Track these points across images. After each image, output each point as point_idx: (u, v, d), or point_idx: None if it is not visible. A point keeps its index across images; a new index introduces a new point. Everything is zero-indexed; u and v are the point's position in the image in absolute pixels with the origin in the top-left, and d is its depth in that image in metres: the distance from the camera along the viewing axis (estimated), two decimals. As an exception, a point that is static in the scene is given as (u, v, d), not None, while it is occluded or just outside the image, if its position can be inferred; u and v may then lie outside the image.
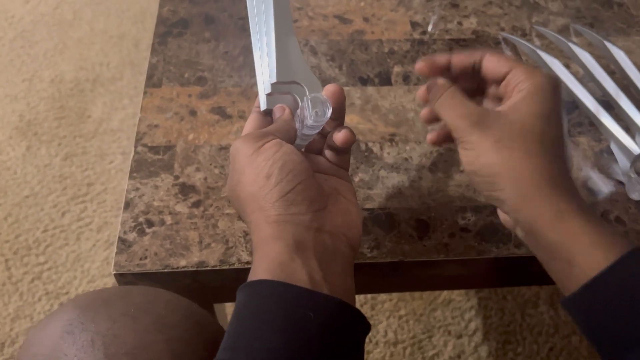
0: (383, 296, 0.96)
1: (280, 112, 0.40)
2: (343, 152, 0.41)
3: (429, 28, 0.65)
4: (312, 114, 0.37)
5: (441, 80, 0.40)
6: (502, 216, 0.41)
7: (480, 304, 0.96)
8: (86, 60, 1.31)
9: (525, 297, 0.96)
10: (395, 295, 0.96)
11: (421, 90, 0.41)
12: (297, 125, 0.39)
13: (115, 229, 0.98)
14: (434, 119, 0.44)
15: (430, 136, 0.45)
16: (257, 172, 0.36)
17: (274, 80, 0.40)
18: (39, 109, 1.20)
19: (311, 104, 0.37)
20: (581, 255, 0.34)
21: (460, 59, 0.41)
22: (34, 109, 1.20)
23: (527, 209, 0.36)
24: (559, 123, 0.38)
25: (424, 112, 0.44)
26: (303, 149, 0.42)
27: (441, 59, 0.41)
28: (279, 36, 0.40)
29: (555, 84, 0.38)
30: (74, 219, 1.04)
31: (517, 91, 0.38)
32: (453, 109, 0.38)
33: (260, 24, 0.42)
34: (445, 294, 0.97)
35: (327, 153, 0.41)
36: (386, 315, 0.94)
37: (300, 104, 0.40)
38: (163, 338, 0.36)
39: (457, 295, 0.97)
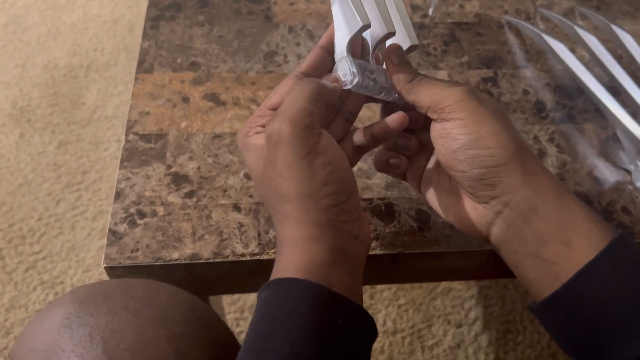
0: (382, 285, 0.95)
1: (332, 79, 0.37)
2: (363, 151, 0.40)
3: (430, 11, 0.63)
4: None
5: (414, 71, 0.37)
6: (473, 214, 0.36)
7: (480, 293, 0.95)
8: (80, 46, 1.28)
9: (526, 286, 0.95)
10: (394, 284, 0.95)
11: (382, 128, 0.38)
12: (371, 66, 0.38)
13: (111, 218, 0.97)
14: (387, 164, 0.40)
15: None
16: (312, 175, 0.33)
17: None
18: (32, 95, 1.18)
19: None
20: (581, 233, 0.32)
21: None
22: (27, 96, 1.18)
23: (528, 185, 0.33)
24: None
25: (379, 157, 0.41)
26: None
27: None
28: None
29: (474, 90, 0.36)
30: (68, 207, 1.02)
31: (448, 109, 0.35)
32: (439, 82, 0.35)
33: None
34: (445, 283, 0.96)
35: (347, 146, 0.39)
36: (385, 304, 0.93)
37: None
38: (165, 333, 0.35)
39: (457, 284, 0.96)
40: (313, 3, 0.63)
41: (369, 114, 0.53)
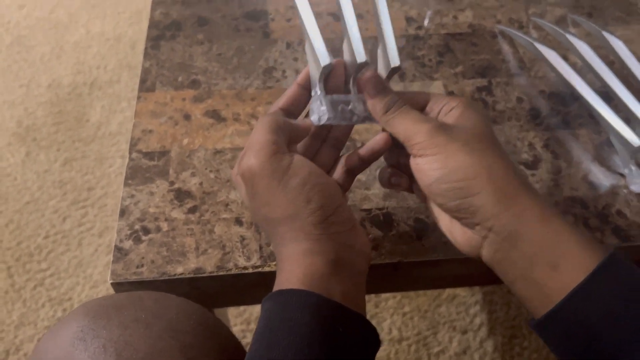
0: (387, 294, 0.96)
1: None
2: (355, 173, 0.41)
3: (425, 22, 0.64)
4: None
5: (393, 96, 0.38)
6: (462, 238, 0.37)
7: (485, 298, 0.95)
8: (83, 64, 1.30)
9: (530, 290, 0.96)
10: (399, 292, 0.96)
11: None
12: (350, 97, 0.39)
13: (117, 233, 0.98)
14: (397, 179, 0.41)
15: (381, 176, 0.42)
16: (293, 197, 0.35)
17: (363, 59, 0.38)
18: (37, 114, 1.20)
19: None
20: (569, 256, 0.33)
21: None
22: (32, 115, 1.20)
23: (508, 212, 0.34)
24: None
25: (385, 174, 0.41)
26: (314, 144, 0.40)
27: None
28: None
29: (477, 102, 0.38)
30: (75, 224, 1.04)
31: (448, 110, 0.37)
32: (411, 117, 0.36)
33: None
34: (449, 289, 0.96)
35: (337, 174, 0.41)
36: (390, 312, 0.93)
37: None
38: (176, 344, 0.36)
39: (461, 290, 0.96)
40: (309, 18, 0.64)
41: (366, 125, 0.54)
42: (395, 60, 0.38)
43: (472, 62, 0.60)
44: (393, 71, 0.39)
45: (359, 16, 0.64)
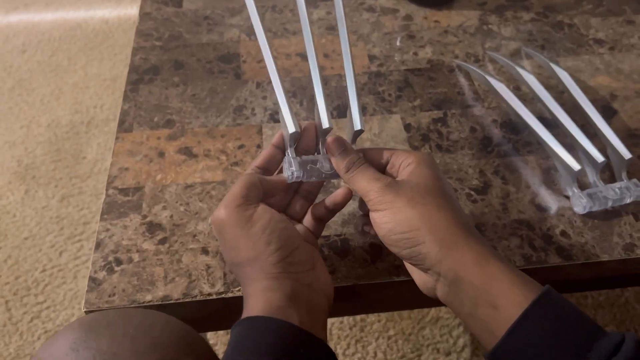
0: (372, 317, 0.98)
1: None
2: (324, 221, 0.47)
3: (398, 44, 0.69)
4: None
5: (354, 156, 0.43)
6: (420, 279, 0.42)
7: (468, 320, 0.97)
8: (81, 104, 1.36)
9: (513, 312, 0.98)
10: (383, 315, 0.98)
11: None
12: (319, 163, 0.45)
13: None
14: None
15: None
16: (255, 241, 0.40)
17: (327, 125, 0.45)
18: (36, 153, 1.25)
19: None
20: (504, 296, 0.36)
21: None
22: (32, 154, 1.25)
23: (449, 258, 0.38)
24: (448, 184, 0.43)
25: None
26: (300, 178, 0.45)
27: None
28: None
29: (431, 156, 0.43)
30: (71, 257, 1.07)
31: (405, 166, 0.42)
32: (367, 177, 0.42)
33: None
34: (433, 312, 0.98)
35: (307, 221, 0.47)
36: (375, 336, 0.96)
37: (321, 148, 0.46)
38: (157, 357, 0.40)
39: (445, 312, 0.98)
40: (279, 59, 0.69)
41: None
42: (357, 125, 0.45)
43: (429, 96, 0.64)
44: (357, 133, 0.45)
45: (325, 55, 0.69)
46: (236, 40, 0.71)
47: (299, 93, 0.65)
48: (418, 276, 0.42)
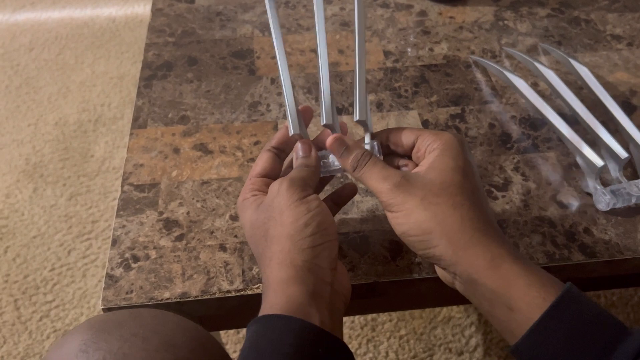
0: (383, 317, 0.97)
1: (306, 152, 0.44)
2: (335, 211, 0.48)
3: (408, 51, 0.68)
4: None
5: (358, 153, 0.42)
6: (440, 272, 0.42)
7: (480, 319, 0.96)
8: (88, 102, 1.36)
9: (526, 311, 0.97)
10: (395, 315, 0.97)
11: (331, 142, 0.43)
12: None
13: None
14: None
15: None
16: (297, 217, 0.39)
17: (329, 120, 0.44)
18: (44, 151, 1.25)
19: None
20: (520, 299, 0.35)
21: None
22: (39, 152, 1.25)
23: (463, 260, 0.37)
24: (474, 174, 0.40)
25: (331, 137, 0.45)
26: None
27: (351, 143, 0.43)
28: (361, 80, 0.45)
29: (462, 140, 0.41)
30: (79, 256, 1.07)
31: (429, 152, 0.41)
32: (375, 175, 0.40)
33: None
34: (445, 311, 0.98)
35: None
36: (387, 335, 0.95)
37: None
38: (170, 357, 0.39)
39: (456, 312, 0.97)
40: (293, 55, 0.68)
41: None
42: (356, 116, 0.44)
43: (446, 92, 0.63)
44: (359, 122, 0.44)
45: (340, 51, 0.68)
46: (249, 37, 0.71)
47: (314, 89, 0.64)
48: (439, 270, 0.42)
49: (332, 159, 0.45)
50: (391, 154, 0.45)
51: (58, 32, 1.56)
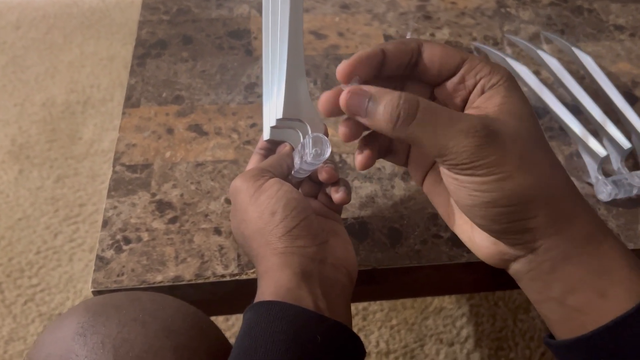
0: (374, 306, 0.96)
1: (281, 148, 0.43)
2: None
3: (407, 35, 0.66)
4: (312, 152, 0.37)
5: (393, 94, 0.29)
6: (488, 249, 0.33)
7: (471, 310, 0.96)
8: (77, 83, 1.32)
9: (517, 303, 0.97)
10: (386, 304, 0.97)
11: (325, 101, 0.32)
12: (296, 160, 0.41)
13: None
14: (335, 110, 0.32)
15: (342, 130, 0.33)
16: (262, 210, 0.37)
17: (280, 116, 0.40)
18: (30, 132, 1.22)
19: (312, 142, 0.38)
20: (620, 283, 0.29)
21: (396, 49, 0.31)
22: (26, 133, 1.22)
23: (560, 234, 0.30)
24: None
25: (324, 98, 0.32)
26: (299, 186, 0.44)
27: (372, 54, 0.31)
28: (289, 74, 0.40)
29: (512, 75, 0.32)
30: (66, 240, 1.05)
31: (489, 86, 0.30)
32: (444, 125, 0.28)
33: (274, 59, 0.42)
34: (436, 302, 0.97)
35: (322, 197, 0.44)
36: (378, 325, 0.94)
37: (301, 140, 0.42)
38: (170, 344, 0.37)
39: (448, 303, 0.97)
40: (291, 36, 0.66)
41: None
42: (266, 134, 0.42)
43: (447, 78, 0.62)
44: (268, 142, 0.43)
45: (340, 34, 0.67)
46: (246, 17, 0.69)
47: (313, 72, 0.63)
48: (487, 244, 0.32)
49: (296, 158, 0.41)
50: (389, 78, 0.33)
51: (46, 10, 1.52)
